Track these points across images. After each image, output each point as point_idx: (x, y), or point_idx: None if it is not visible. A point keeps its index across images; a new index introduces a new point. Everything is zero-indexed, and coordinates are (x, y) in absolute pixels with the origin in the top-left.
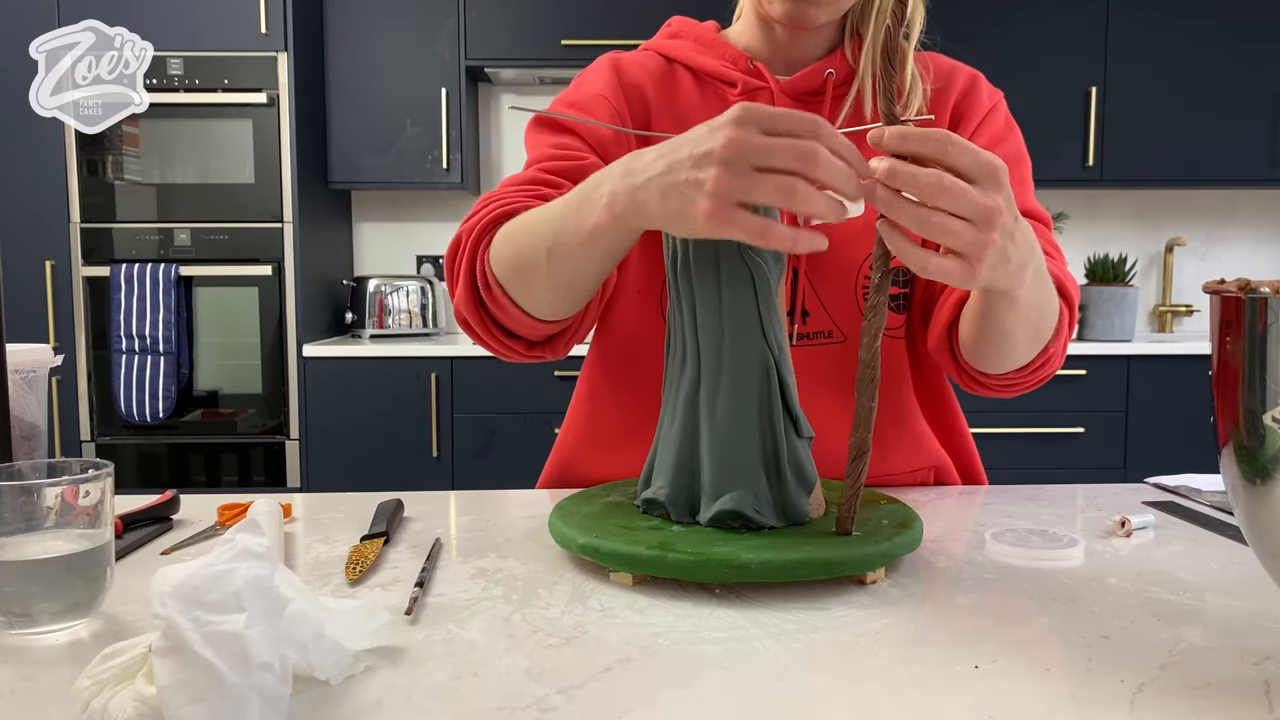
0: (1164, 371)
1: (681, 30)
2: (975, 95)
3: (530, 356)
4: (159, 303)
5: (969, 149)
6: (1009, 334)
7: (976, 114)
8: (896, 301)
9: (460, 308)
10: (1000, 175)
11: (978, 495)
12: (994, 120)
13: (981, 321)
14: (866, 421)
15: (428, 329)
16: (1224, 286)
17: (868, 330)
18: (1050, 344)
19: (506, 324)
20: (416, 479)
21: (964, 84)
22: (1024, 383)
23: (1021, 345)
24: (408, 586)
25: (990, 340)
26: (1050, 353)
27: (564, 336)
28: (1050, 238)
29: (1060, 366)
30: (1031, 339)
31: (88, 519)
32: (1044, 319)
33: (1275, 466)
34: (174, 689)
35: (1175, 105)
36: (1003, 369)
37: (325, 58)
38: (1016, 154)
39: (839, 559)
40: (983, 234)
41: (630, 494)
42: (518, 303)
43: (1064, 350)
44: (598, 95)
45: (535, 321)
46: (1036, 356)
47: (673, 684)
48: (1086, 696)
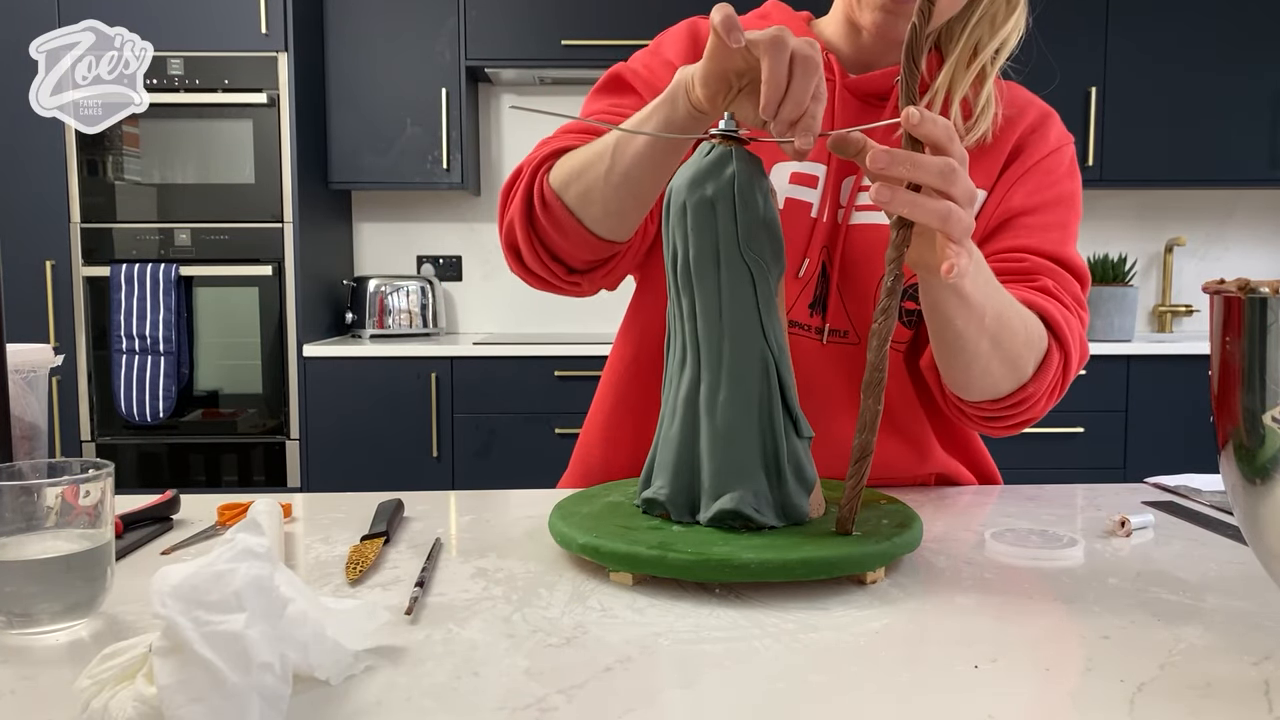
0: (1164, 371)
1: (772, 13)
2: (1043, 133)
3: (567, 284)
4: (159, 303)
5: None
6: (965, 340)
7: (1038, 150)
8: (910, 317)
9: (512, 225)
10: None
11: (977, 495)
12: (1056, 162)
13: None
14: (872, 424)
15: (428, 329)
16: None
17: (877, 333)
18: (1030, 383)
19: (553, 246)
20: (416, 479)
21: (1034, 119)
22: (1002, 418)
23: (983, 359)
24: (408, 586)
25: (950, 349)
26: (1030, 391)
27: (603, 269)
28: (1075, 291)
29: (1044, 413)
30: (995, 353)
31: (88, 519)
32: (1007, 331)
33: (1275, 466)
34: (174, 689)
35: (1175, 105)
36: (971, 391)
37: (325, 58)
38: (1068, 199)
39: (839, 559)
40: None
41: (630, 494)
42: (573, 210)
43: (1050, 396)
44: (667, 62)
45: (584, 238)
46: (1014, 391)
47: (673, 684)
48: (1086, 696)
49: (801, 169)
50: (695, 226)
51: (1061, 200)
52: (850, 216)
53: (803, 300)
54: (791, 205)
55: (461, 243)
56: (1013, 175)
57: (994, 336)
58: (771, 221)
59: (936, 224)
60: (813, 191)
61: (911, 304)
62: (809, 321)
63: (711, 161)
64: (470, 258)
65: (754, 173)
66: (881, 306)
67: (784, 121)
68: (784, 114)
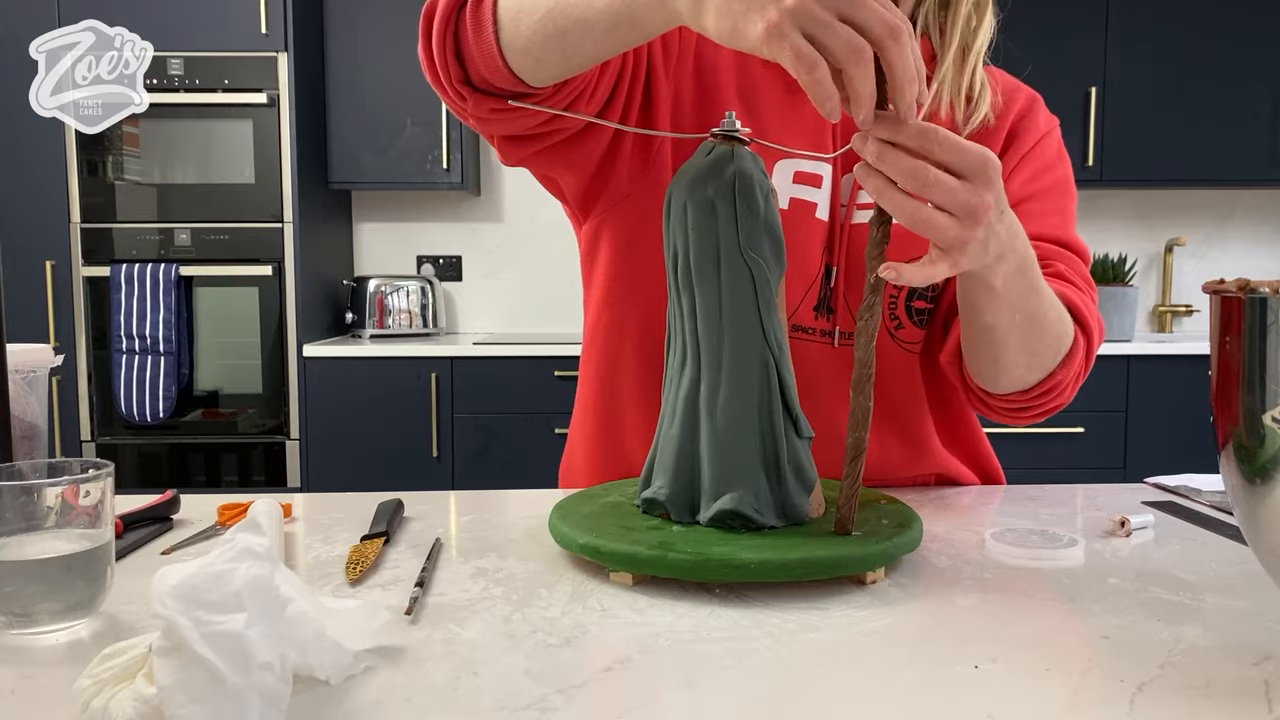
0: (1164, 371)
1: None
2: (1032, 118)
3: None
4: (159, 303)
5: (956, 146)
6: (994, 333)
7: (1030, 137)
8: (921, 316)
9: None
10: (991, 172)
11: (978, 495)
12: (1046, 147)
13: (966, 318)
14: (863, 421)
15: (428, 329)
16: (1224, 286)
17: (864, 330)
18: (1058, 371)
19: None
20: (416, 479)
21: (1023, 105)
22: (1030, 409)
23: (1012, 353)
24: (408, 586)
25: (977, 342)
26: (1058, 379)
27: (499, 108)
28: (1083, 272)
29: (1071, 398)
30: (1024, 349)
31: (88, 519)
32: (1037, 328)
33: (1275, 466)
34: (174, 689)
35: (1175, 105)
36: (998, 384)
37: (325, 58)
38: (1062, 183)
39: (839, 559)
40: (966, 230)
41: (630, 494)
42: (500, 35)
43: (1076, 382)
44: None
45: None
46: (1042, 381)
47: (673, 684)
48: (1086, 696)
49: (806, 168)
50: (696, 227)
51: (1057, 184)
52: (852, 216)
53: (807, 303)
54: (796, 206)
55: (461, 243)
56: (1008, 163)
57: (1023, 334)
58: (772, 222)
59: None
60: (818, 191)
61: (922, 303)
62: (814, 324)
63: (712, 161)
64: (470, 258)
65: (755, 173)
66: (866, 304)
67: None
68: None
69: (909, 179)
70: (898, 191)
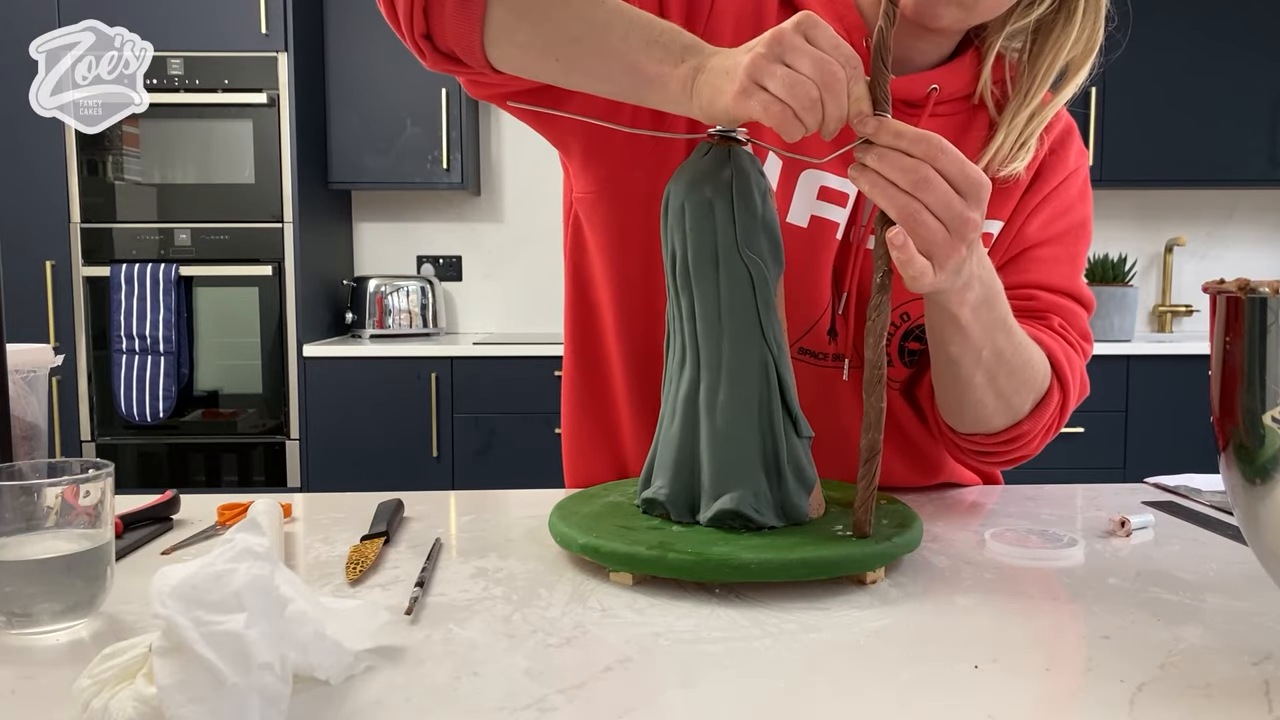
0: (1164, 371)
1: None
2: (1063, 155)
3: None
4: (159, 303)
5: (958, 160)
6: (959, 366)
7: (1057, 175)
8: (913, 356)
9: None
10: (982, 194)
11: (978, 495)
12: (1070, 185)
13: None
14: (877, 423)
15: (428, 329)
16: (1224, 286)
17: (873, 330)
18: (1026, 420)
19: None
20: (416, 479)
21: (1058, 136)
22: (994, 454)
23: (978, 390)
24: (408, 586)
25: (944, 374)
26: (1025, 429)
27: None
28: (1082, 326)
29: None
30: (991, 387)
31: (88, 519)
32: (1005, 366)
33: (1275, 466)
34: (174, 689)
35: (1175, 105)
36: (961, 421)
37: (325, 58)
38: (1078, 227)
39: (839, 559)
40: (954, 240)
41: (630, 494)
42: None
43: (1045, 435)
44: None
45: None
46: (1010, 428)
47: (673, 684)
48: (1086, 696)
49: (833, 184)
50: (694, 227)
51: (1073, 229)
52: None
53: (820, 327)
54: (816, 224)
55: (461, 243)
56: (1030, 201)
57: (990, 371)
58: (770, 222)
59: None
60: (841, 211)
61: (915, 344)
62: (826, 349)
63: (709, 162)
64: (470, 258)
65: (752, 173)
66: (874, 303)
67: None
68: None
69: (906, 175)
70: (891, 186)
